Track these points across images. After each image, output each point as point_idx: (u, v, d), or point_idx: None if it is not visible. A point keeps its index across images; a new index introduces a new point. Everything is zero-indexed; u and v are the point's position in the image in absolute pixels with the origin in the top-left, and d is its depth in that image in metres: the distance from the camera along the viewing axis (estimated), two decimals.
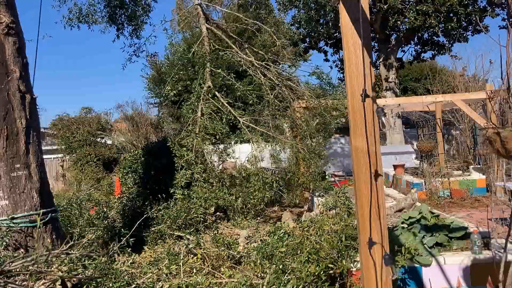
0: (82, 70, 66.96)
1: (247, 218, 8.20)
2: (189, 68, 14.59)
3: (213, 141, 9.62)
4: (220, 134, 9.27)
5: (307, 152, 9.53)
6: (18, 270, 3.59)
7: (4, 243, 4.16)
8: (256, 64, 10.24)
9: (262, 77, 10.16)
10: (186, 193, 8.08)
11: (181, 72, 11.19)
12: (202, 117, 9.36)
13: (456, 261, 4.64)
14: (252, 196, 8.48)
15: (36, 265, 3.63)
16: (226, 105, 9.64)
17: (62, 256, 3.92)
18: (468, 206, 8.99)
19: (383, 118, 18.03)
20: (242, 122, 9.49)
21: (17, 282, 3.56)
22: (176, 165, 8.73)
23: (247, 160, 9.68)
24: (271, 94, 10.17)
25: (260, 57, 11.01)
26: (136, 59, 19.40)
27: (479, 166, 11.38)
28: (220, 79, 10.58)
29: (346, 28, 2.77)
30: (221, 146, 9.93)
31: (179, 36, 21.78)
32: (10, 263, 3.59)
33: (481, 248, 4.67)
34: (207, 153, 9.58)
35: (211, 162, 9.63)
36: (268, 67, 10.39)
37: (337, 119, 10.87)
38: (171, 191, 8.26)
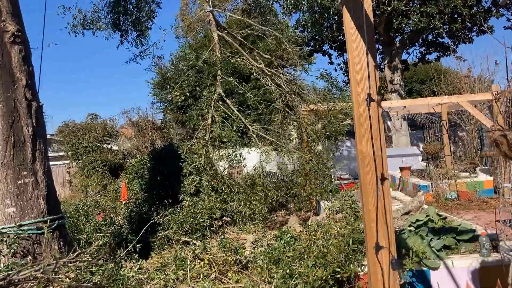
0: (87, 77, 67.34)
1: (254, 223, 8.20)
2: (197, 74, 14.62)
3: (223, 147, 9.64)
4: (231, 142, 9.30)
5: (315, 164, 9.44)
6: (26, 278, 3.61)
7: (12, 250, 4.18)
8: (266, 71, 10.22)
9: (273, 84, 10.13)
10: (195, 200, 8.10)
11: (191, 79, 11.21)
12: (213, 125, 9.38)
13: (464, 264, 4.61)
14: (257, 205, 8.48)
15: (44, 274, 3.64)
16: (237, 112, 9.65)
17: (70, 264, 3.93)
18: (476, 208, 8.92)
19: (388, 122, 17.95)
20: (252, 131, 9.48)
21: None
22: (184, 170, 8.75)
23: (254, 170, 9.65)
24: (281, 101, 10.13)
25: (267, 61, 11.00)
26: (140, 61, 19.41)
27: (486, 167, 11.31)
28: (232, 86, 10.58)
29: (350, 33, 2.76)
30: (229, 151, 9.91)
31: (181, 40, 21.87)
32: (18, 273, 3.61)
33: (489, 250, 4.63)
34: (216, 159, 9.59)
35: (219, 168, 9.63)
36: (278, 74, 10.37)
37: (344, 122, 10.79)
38: (180, 198, 8.29)
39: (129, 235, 6.29)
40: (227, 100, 9.91)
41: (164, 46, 21.82)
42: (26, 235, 4.38)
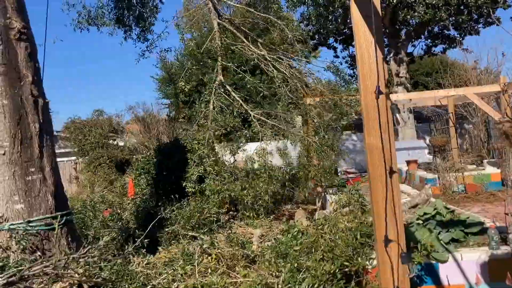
0: (92, 72, 67.43)
1: (259, 215, 8.19)
2: (201, 68, 14.59)
3: (224, 136, 9.65)
4: (230, 126, 9.30)
5: (319, 145, 9.46)
6: (36, 274, 3.63)
7: (21, 247, 4.20)
8: (268, 58, 10.21)
9: (274, 70, 10.13)
10: (198, 187, 8.09)
11: (194, 67, 11.20)
12: (213, 110, 9.41)
13: (473, 257, 4.59)
14: (260, 190, 8.44)
15: (54, 269, 3.66)
16: (238, 99, 9.66)
17: (81, 260, 3.95)
18: (483, 201, 8.87)
19: (397, 115, 17.93)
20: (253, 116, 9.48)
21: (34, 285, 3.59)
22: (189, 164, 8.76)
23: (256, 153, 9.59)
24: (284, 88, 10.13)
25: (272, 51, 10.99)
26: (148, 55, 19.28)
27: (493, 160, 11.24)
28: (232, 74, 10.59)
29: (357, 25, 2.74)
30: (232, 143, 9.93)
31: (188, 36, 21.80)
32: (30, 268, 3.63)
33: (498, 243, 4.61)
34: (220, 148, 9.61)
35: (223, 156, 9.64)
36: (280, 60, 10.36)
37: (350, 115, 10.76)
38: (183, 185, 8.28)
39: (136, 231, 6.31)
40: (228, 87, 9.91)
41: (169, 41, 21.81)
42: (35, 231, 4.39)
